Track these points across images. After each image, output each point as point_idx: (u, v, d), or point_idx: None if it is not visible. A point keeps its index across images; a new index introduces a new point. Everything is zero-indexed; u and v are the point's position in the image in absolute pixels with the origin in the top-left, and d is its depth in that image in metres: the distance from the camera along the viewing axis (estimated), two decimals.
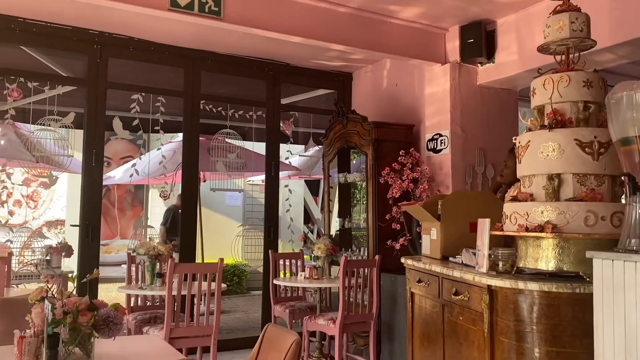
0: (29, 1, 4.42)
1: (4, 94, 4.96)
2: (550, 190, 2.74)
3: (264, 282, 5.68)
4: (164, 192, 5.87)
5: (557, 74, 2.88)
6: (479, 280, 2.78)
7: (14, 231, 6.02)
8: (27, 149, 5.64)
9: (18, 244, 7.31)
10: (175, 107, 5.76)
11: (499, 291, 2.69)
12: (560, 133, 2.75)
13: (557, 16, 2.91)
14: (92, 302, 2.03)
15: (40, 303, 2.06)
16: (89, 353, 2.03)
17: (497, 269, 2.81)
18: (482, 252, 2.90)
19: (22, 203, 9.69)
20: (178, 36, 5.19)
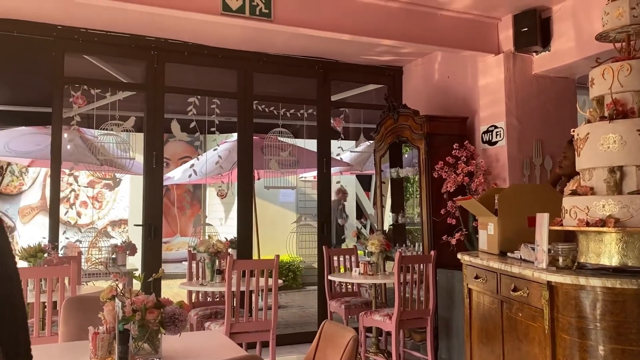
0: (91, 12, 4.65)
1: (69, 102, 5.24)
2: (612, 183, 2.64)
3: (319, 278, 5.75)
4: (221, 191, 6.05)
5: (617, 63, 2.76)
6: (539, 276, 2.72)
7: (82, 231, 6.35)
8: (92, 153, 5.94)
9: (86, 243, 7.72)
10: (229, 107, 5.90)
11: (560, 287, 2.63)
12: (622, 124, 2.65)
13: (616, 2, 2.79)
14: (159, 300, 2.14)
15: (111, 301, 2.19)
16: (156, 348, 2.14)
17: (557, 264, 2.74)
18: (541, 247, 2.84)
19: (88, 204, 10.20)
20: (230, 39, 5.32)
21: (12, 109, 6.71)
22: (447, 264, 4.69)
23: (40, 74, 5.70)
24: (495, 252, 3.53)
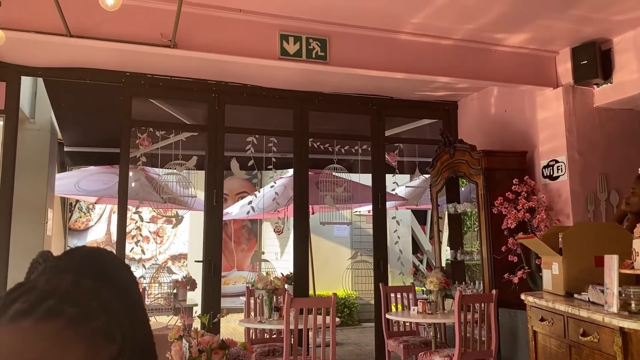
0: (156, 60, 4.92)
1: (136, 143, 5.52)
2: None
3: (376, 315, 5.69)
4: (277, 226, 6.14)
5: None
6: (610, 321, 2.60)
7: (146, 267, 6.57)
8: (156, 191, 6.20)
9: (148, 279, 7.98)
10: (286, 144, 6.05)
11: (634, 334, 2.50)
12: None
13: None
14: (224, 341, 2.20)
15: (178, 341, 2.27)
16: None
17: (629, 309, 2.62)
18: (611, 290, 2.72)
19: (150, 239, 10.58)
20: (286, 80, 5.49)
21: (83, 150, 7.14)
22: (509, 303, 4.54)
23: (110, 118, 6.06)
24: (561, 293, 3.41)
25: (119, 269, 0.57)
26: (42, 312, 0.48)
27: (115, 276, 0.55)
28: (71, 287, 0.51)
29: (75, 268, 0.54)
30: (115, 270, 0.56)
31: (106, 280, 0.54)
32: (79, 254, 0.56)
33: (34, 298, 0.49)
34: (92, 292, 0.51)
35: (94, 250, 0.57)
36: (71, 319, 0.48)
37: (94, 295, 0.51)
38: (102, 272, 0.54)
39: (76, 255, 0.56)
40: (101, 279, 0.53)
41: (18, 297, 0.50)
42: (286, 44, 4.27)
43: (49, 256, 0.56)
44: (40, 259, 0.56)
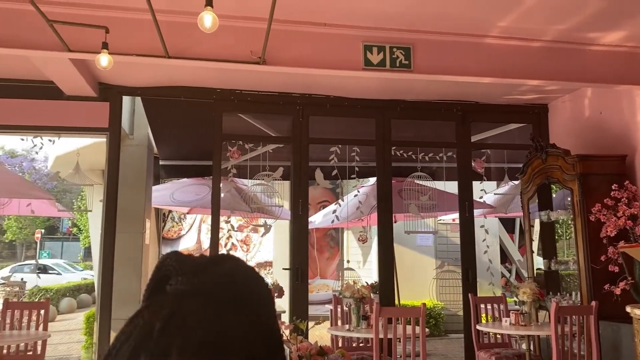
0: (245, 76, 5.14)
1: (226, 156, 5.78)
2: None
3: (465, 326, 5.55)
4: (362, 235, 6.18)
5: None
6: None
7: None
8: (244, 201, 6.44)
9: None
10: (368, 153, 6.08)
11: None
12: None
13: None
14: (322, 347, 2.25)
15: None
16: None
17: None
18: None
19: (237, 247, 10.96)
20: (369, 90, 5.53)
21: (177, 163, 7.56)
22: (611, 316, 4.28)
23: (201, 132, 6.38)
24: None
25: (262, 293, 0.51)
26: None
27: (258, 303, 0.50)
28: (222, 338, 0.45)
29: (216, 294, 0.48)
30: (258, 297, 0.50)
31: (249, 309, 0.48)
32: (218, 273, 0.50)
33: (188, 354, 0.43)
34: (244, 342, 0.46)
35: (234, 269, 0.51)
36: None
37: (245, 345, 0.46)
38: (247, 303, 0.49)
39: (216, 274, 0.49)
40: (245, 312, 0.48)
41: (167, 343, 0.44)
42: (370, 54, 4.31)
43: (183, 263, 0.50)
44: (174, 263, 0.50)
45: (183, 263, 0.50)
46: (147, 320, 0.46)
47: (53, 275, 16.38)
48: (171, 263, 0.50)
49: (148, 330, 0.45)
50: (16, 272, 15.38)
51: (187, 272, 0.49)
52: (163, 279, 0.50)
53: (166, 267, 0.50)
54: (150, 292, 0.51)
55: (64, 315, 12.67)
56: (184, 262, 0.50)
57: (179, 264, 0.50)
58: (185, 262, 0.50)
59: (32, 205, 6.97)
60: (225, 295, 0.48)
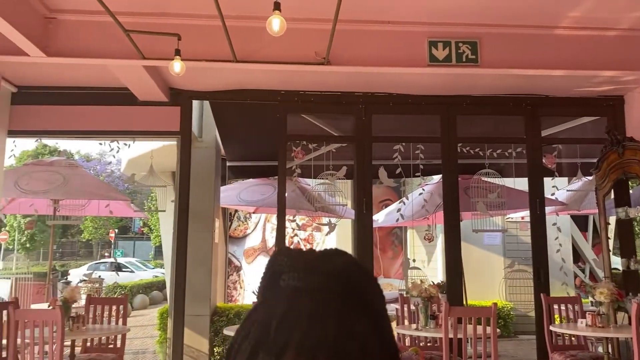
0: (309, 77, 5.20)
1: (291, 156, 5.87)
2: None
3: (537, 328, 5.37)
4: (428, 234, 6.10)
5: None
6: None
7: None
8: (308, 201, 6.51)
9: None
10: (433, 150, 6.00)
11: None
12: None
13: None
14: None
15: None
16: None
17: None
18: None
19: (301, 246, 11.12)
20: (433, 86, 5.45)
21: (242, 164, 7.76)
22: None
23: (266, 133, 6.52)
24: None
25: (374, 292, 0.51)
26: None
27: (371, 302, 0.50)
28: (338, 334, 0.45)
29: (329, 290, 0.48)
30: (371, 296, 0.50)
31: (362, 307, 0.48)
32: (330, 270, 0.50)
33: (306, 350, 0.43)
34: (358, 338, 0.46)
35: (345, 265, 0.51)
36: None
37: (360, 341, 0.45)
38: (359, 299, 0.49)
39: (328, 270, 0.50)
40: (358, 308, 0.48)
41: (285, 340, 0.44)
42: (435, 50, 4.26)
43: (295, 259, 0.51)
44: (286, 259, 0.51)
45: (295, 259, 0.51)
46: (263, 317, 0.47)
47: (126, 273, 17.20)
48: (283, 259, 0.51)
49: (265, 327, 0.46)
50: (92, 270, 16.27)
51: (300, 268, 0.50)
52: (275, 275, 0.51)
53: (278, 263, 0.51)
54: (264, 287, 0.52)
55: (138, 312, 13.29)
56: (296, 259, 0.51)
57: (290, 260, 0.51)
58: (297, 259, 0.51)
59: (110, 206, 7.36)
60: (337, 291, 0.48)
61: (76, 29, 4.09)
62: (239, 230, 11.63)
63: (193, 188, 5.71)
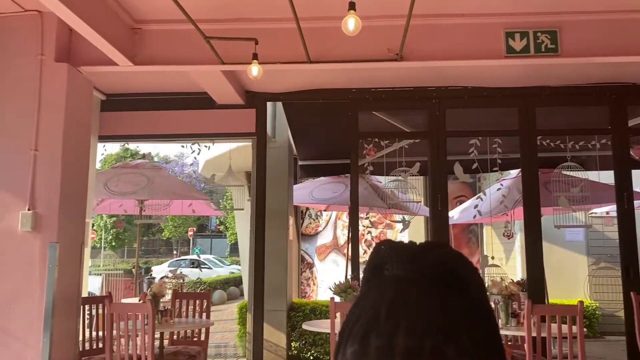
0: (380, 74, 5.20)
1: (363, 154, 5.89)
2: None
3: (627, 328, 5.09)
4: (507, 231, 5.93)
5: None
6: None
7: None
8: (380, 198, 6.51)
9: None
10: (510, 144, 5.82)
11: None
12: None
13: None
14: None
15: None
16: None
17: None
18: None
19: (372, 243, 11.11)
20: (510, 77, 5.29)
21: (314, 163, 7.87)
22: None
23: (337, 132, 6.58)
24: None
25: (476, 281, 0.52)
26: (428, 354, 0.45)
27: (473, 290, 0.51)
28: (444, 320, 0.47)
29: (433, 279, 0.50)
30: (473, 285, 0.52)
31: (465, 295, 0.50)
32: (432, 260, 0.52)
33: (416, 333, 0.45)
34: (463, 324, 0.47)
35: (446, 256, 0.53)
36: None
37: (465, 327, 0.47)
38: (461, 288, 0.50)
39: (430, 261, 0.52)
40: (461, 296, 0.50)
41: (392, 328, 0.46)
42: (512, 41, 4.14)
43: (399, 251, 0.54)
44: (389, 250, 0.54)
45: (398, 250, 0.53)
46: (372, 304, 0.50)
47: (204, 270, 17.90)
48: (386, 250, 0.54)
49: (375, 312, 0.48)
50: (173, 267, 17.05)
51: (403, 259, 0.52)
52: (379, 265, 0.53)
53: (381, 254, 0.54)
54: (369, 276, 0.55)
55: (216, 307, 13.79)
56: (399, 250, 0.53)
57: (393, 251, 0.53)
58: (400, 250, 0.53)
59: (192, 205, 7.70)
60: (441, 280, 0.50)
61: (160, 38, 4.32)
62: (311, 228, 11.79)
63: (268, 187, 5.87)
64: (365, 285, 0.56)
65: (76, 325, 4.35)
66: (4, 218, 3.93)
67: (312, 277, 11.43)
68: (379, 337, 0.47)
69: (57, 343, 3.97)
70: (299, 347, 6.86)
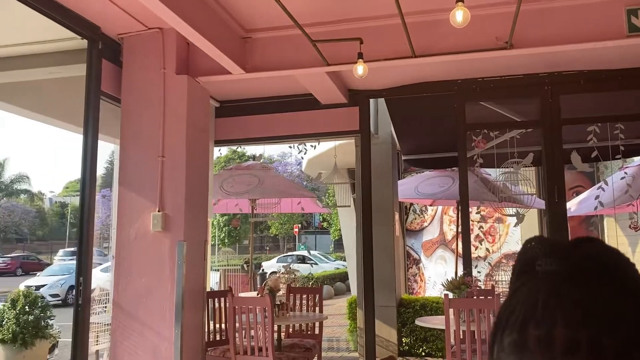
0: (488, 63, 5.03)
1: (471, 146, 5.74)
2: None
3: None
4: (633, 222, 5.50)
5: None
6: None
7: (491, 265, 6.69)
8: (491, 191, 6.30)
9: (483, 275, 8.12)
10: (635, 129, 5.39)
11: None
12: None
13: None
14: None
15: None
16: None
17: None
18: None
19: (483, 239, 10.75)
20: (633, 58, 4.89)
21: (418, 157, 7.79)
22: None
23: (442, 125, 6.47)
24: None
25: (631, 272, 0.52)
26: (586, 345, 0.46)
27: (628, 281, 0.51)
28: (603, 312, 0.48)
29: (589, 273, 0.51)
30: (629, 278, 0.51)
31: (621, 287, 0.50)
32: (586, 255, 0.52)
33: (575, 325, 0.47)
34: (621, 316, 0.48)
35: (600, 251, 0.53)
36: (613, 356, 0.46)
37: (623, 319, 0.47)
38: (617, 281, 0.50)
39: (584, 256, 0.52)
40: (617, 289, 0.50)
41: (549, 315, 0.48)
42: (635, 18, 3.83)
43: (550, 246, 0.54)
44: (540, 246, 0.55)
45: (549, 246, 0.54)
46: (527, 297, 0.51)
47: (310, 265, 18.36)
48: (537, 246, 0.55)
49: (531, 305, 0.50)
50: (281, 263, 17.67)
51: (556, 254, 0.53)
52: (530, 261, 0.55)
53: (532, 249, 0.55)
54: (520, 271, 0.56)
55: (324, 301, 14.11)
56: (550, 245, 0.54)
57: (544, 247, 0.54)
58: (551, 245, 0.54)
59: (301, 203, 7.96)
60: (596, 273, 0.50)
61: (267, 45, 4.52)
62: (416, 224, 11.67)
63: (372, 183, 5.91)
64: (517, 280, 0.57)
65: (202, 318, 4.69)
66: (139, 219, 4.33)
67: (420, 273, 11.31)
68: (538, 328, 0.48)
69: (187, 334, 4.30)
70: (410, 342, 6.84)
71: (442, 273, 10.48)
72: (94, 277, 4.47)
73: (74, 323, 4.08)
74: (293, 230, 25.30)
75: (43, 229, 40.71)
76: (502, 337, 0.51)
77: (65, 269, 16.51)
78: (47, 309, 6.58)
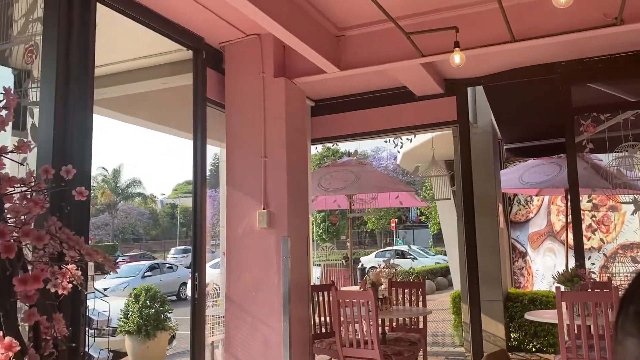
0: (594, 42, 4.71)
1: (580, 130, 5.41)
2: None
3: None
4: None
5: None
6: None
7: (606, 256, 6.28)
8: (604, 178, 5.89)
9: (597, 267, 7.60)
10: None
11: None
12: None
13: None
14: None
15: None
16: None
17: None
18: None
19: (596, 229, 10.07)
20: None
21: (521, 145, 7.47)
22: None
23: (546, 110, 6.15)
24: None
25: None
26: None
27: None
28: None
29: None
30: None
31: None
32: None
33: None
34: None
35: None
36: None
37: None
38: None
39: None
40: None
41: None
42: None
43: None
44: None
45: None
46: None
47: (409, 260, 18.18)
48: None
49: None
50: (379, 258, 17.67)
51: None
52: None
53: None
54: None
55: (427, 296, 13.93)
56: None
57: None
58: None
59: (400, 197, 7.95)
60: None
61: (360, 41, 4.56)
62: (520, 215, 11.16)
63: (473, 174, 5.75)
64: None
65: (308, 311, 4.84)
66: (246, 217, 4.56)
67: (526, 266, 10.83)
68: None
69: (295, 326, 4.47)
70: (519, 338, 6.59)
71: (551, 266, 9.96)
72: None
73: (191, 316, 4.38)
74: (390, 225, 25.18)
75: (156, 229, 43.81)
76: (627, 308, 0.57)
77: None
78: (166, 303, 7.12)
